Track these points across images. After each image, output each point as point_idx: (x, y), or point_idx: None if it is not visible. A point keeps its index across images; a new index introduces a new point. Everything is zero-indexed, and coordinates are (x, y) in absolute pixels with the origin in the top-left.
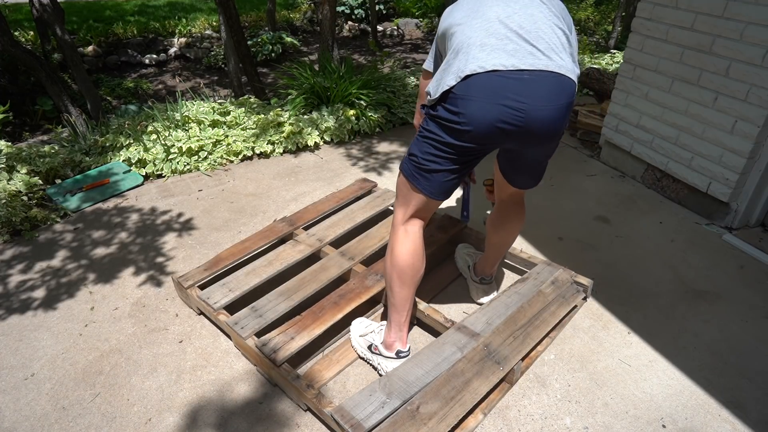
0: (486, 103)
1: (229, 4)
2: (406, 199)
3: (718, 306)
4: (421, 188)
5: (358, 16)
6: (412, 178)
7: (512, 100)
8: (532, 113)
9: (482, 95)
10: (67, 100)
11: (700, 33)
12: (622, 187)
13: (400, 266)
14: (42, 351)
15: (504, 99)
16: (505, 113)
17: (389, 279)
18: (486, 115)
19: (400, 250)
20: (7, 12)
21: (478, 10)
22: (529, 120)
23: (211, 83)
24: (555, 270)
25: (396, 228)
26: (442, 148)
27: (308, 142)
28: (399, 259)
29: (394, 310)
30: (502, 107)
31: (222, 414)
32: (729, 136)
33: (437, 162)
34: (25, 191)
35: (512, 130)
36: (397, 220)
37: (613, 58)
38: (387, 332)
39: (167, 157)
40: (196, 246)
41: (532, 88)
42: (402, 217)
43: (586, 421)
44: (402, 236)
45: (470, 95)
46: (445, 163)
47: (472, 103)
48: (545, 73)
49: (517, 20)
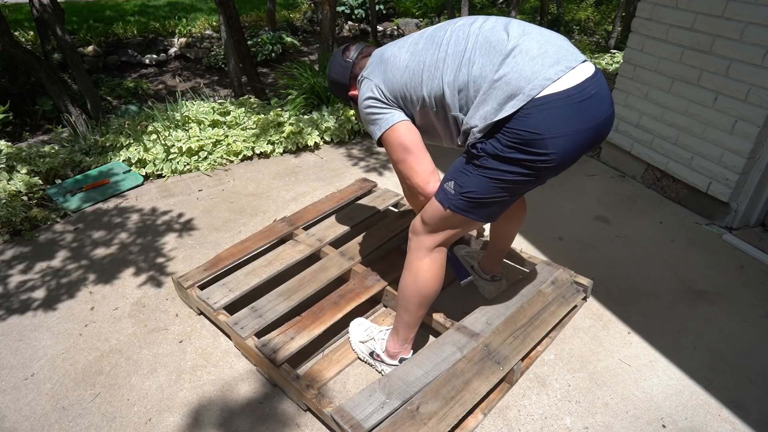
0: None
1: (229, 4)
2: (443, 228)
3: (718, 306)
4: (477, 218)
5: (358, 16)
6: (464, 212)
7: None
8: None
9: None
10: (67, 100)
11: (700, 33)
12: (622, 187)
13: (424, 293)
14: (42, 351)
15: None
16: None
17: (409, 301)
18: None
19: (427, 278)
20: (7, 12)
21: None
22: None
23: (211, 83)
24: (555, 270)
25: (422, 253)
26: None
27: (308, 142)
28: (425, 286)
29: (407, 327)
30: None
31: (222, 414)
32: (729, 136)
33: (503, 195)
34: (25, 191)
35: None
36: (423, 245)
37: (613, 58)
38: (392, 343)
39: (167, 157)
40: (196, 246)
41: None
42: (431, 243)
43: (586, 421)
44: (430, 263)
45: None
46: (509, 194)
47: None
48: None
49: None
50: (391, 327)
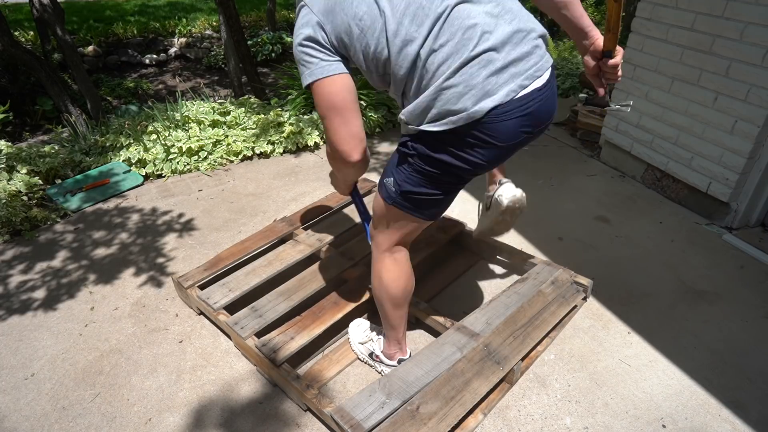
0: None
1: (229, 4)
2: (392, 227)
3: (718, 306)
4: (420, 216)
5: None
6: (407, 210)
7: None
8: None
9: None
10: (67, 100)
11: (700, 33)
12: (622, 187)
13: (392, 294)
14: (42, 351)
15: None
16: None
17: (381, 304)
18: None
19: (390, 278)
20: (7, 12)
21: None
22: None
23: (211, 83)
24: (555, 270)
25: (381, 256)
26: (446, 177)
27: (308, 142)
28: (391, 287)
29: (390, 327)
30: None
31: (222, 414)
32: (729, 136)
33: (436, 188)
34: (26, 191)
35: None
36: (380, 248)
37: None
38: (387, 346)
39: (167, 157)
40: (196, 246)
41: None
42: (387, 244)
43: (586, 421)
44: (391, 265)
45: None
46: (448, 189)
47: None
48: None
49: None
50: None
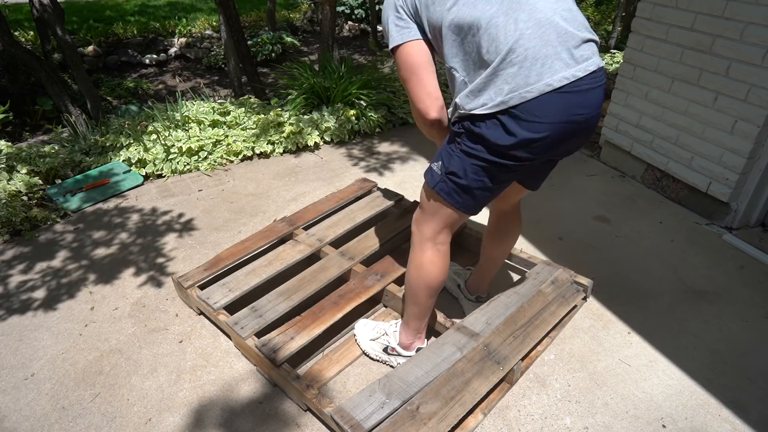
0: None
1: (229, 4)
2: (437, 214)
3: (718, 306)
4: (461, 207)
5: (358, 16)
6: (448, 196)
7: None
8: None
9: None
10: (67, 100)
11: (700, 33)
12: (622, 187)
13: (430, 284)
14: (42, 351)
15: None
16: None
17: (416, 293)
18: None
19: (431, 269)
20: (7, 12)
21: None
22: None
23: (211, 83)
24: (555, 270)
25: (424, 244)
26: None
27: (308, 142)
28: (431, 277)
29: (416, 318)
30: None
31: (222, 414)
32: (729, 136)
33: (484, 181)
34: (26, 191)
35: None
36: (424, 236)
37: (613, 58)
38: (405, 335)
39: (167, 157)
40: (196, 246)
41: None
42: (431, 232)
43: (586, 421)
44: (433, 255)
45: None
46: (492, 183)
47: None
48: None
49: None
50: (400, 320)
